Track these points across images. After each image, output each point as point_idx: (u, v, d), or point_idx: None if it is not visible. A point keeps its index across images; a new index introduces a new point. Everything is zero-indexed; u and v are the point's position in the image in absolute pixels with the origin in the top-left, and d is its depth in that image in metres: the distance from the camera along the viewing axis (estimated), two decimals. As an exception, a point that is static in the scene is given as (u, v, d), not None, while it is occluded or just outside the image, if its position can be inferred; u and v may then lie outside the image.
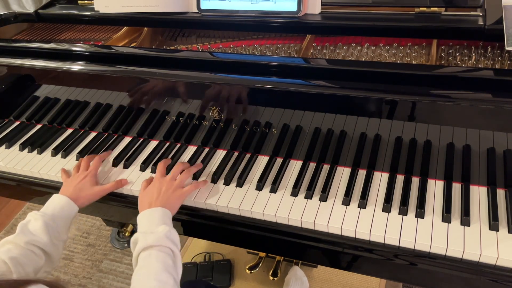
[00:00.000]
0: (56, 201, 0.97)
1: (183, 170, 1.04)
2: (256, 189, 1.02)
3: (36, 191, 1.20)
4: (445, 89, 0.86)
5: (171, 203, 0.95)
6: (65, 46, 1.16)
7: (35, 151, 1.23)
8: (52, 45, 1.18)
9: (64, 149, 1.20)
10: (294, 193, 0.99)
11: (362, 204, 0.94)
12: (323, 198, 0.97)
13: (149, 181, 1.03)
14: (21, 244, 0.85)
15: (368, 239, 0.90)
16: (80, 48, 1.14)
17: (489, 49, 1.01)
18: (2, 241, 0.87)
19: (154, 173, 1.10)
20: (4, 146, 1.26)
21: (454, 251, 0.84)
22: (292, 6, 1.07)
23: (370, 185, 0.99)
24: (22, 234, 0.87)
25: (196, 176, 1.07)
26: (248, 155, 1.12)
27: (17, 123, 1.35)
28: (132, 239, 0.87)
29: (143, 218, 0.91)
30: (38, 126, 1.33)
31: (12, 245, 0.85)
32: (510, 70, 0.96)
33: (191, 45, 1.25)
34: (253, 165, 1.09)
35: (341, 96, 0.93)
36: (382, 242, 0.89)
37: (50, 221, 0.91)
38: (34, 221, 0.89)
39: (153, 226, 0.87)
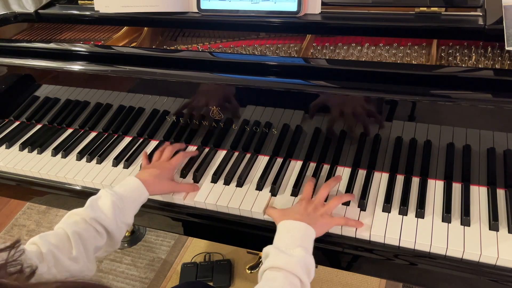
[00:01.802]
0: (129, 183, 0.95)
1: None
2: (256, 189, 1.02)
3: (36, 191, 1.20)
4: (445, 89, 0.86)
5: (318, 224, 0.86)
6: (65, 46, 1.16)
7: (35, 151, 1.23)
8: (52, 45, 1.18)
9: (64, 149, 1.20)
10: (294, 193, 0.99)
11: (362, 204, 0.94)
12: (323, 198, 0.97)
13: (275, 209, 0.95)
14: (87, 219, 0.84)
15: (368, 239, 0.90)
16: (80, 48, 1.14)
17: (489, 49, 1.01)
18: (70, 212, 0.86)
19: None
20: (4, 146, 1.26)
21: (454, 251, 0.84)
22: (292, 6, 1.07)
23: (370, 185, 0.99)
24: (91, 208, 0.86)
25: (196, 177, 1.07)
26: (248, 155, 1.11)
27: (17, 123, 1.35)
28: (264, 250, 0.82)
29: (283, 228, 0.84)
30: (38, 126, 1.33)
31: (79, 218, 0.84)
32: (510, 70, 0.96)
33: (191, 45, 1.25)
34: (253, 165, 1.09)
35: (341, 96, 0.93)
36: (382, 242, 0.89)
37: (119, 202, 0.89)
38: (104, 198, 0.88)
39: (290, 244, 0.80)
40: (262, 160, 1.10)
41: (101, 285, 0.53)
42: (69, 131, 1.29)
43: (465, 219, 0.87)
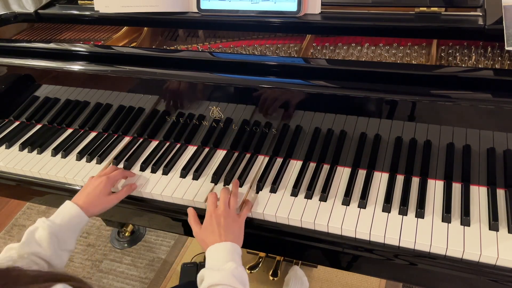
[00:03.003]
0: (66, 210, 0.95)
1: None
2: (256, 189, 1.02)
3: (36, 191, 1.20)
4: (445, 89, 0.86)
5: (236, 234, 0.91)
6: (65, 46, 1.16)
7: (35, 151, 1.23)
8: (52, 45, 1.18)
9: (64, 149, 1.20)
10: (294, 193, 0.99)
11: (362, 204, 0.94)
12: (323, 198, 0.97)
13: (195, 219, 0.96)
14: (24, 255, 0.84)
15: (368, 239, 0.90)
16: (80, 48, 1.14)
17: (489, 49, 1.01)
18: (7, 247, 0.86)
19: (154, 173, 1.10)
20: (4, 146, 1.26)
21: (454, 251, 0.84)
22: (292, 6, 1.07)
23: (370, 185, 0.99)
24: (27, 244, 0.86)
25: (196, 177, 1.07)
26: (248, 155, 1.12)
27: (17, 123, 1.35)
28: (199, 275, 0.85)
29: (210, 253, 0.87)
30: (38, 126, 1.33)
31: (15, 253, 0.84)
32: (510, 70, 0.96)
33: (191, 45, 1.25)
34: (253, 165, 1.09)
35: (341, 96, 0.93)
36: (382, 242, 0.89)
37: (57, 232, 0.89)
38: (41, 230, 0.88)
39: (221, 262, 0.84)
40: (262, 160, 1.10)
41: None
42: (69, 131, 1.29)
43: (465, 219, 0.87)
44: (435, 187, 0.96)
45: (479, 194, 0.94)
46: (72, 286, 0.59)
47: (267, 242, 1.01)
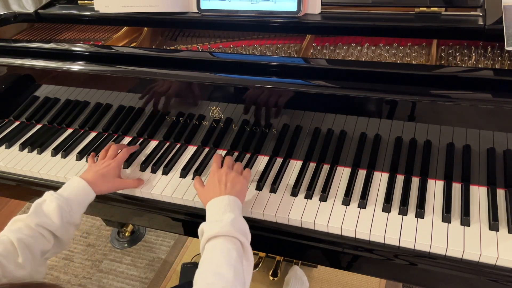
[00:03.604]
0: (74, 184, 0.95)
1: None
2: (256, 189, 1.02)
3: (36, 191, 1.19)
4: (445, 89, 0.86)
5: (237, 189, 0.91)
6: (65, 46, 1.16)
7: (35, 151, 1.23)
8: (52, 45, 1.18)
9: (64, 149, 1.20)
10: (294, 193, 0.99)
11: (362, 204, 0.94)
12: (323, 198, 0.97)
13: (200, 182, 0.98)
14: (32, 225, 0.84)
15: (368, 239, 0.90)
16: (80, 48, 1.14)
17: (489, 49, 1.01)
18: (14, 218, 0.86)
19: (154, 173, 1.10)
20: (4, 146, 1.26)
21: (454, 251, 0.84)
22: (292, 6, 1.07)
23: (370, 185, 0.99)
24: (35, 214, 0.86)
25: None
26: (248, 155, 1.12)
27: (17, 123, 1.35)
28: (199, 229, 0.83)
29: (209, 207, 0.88)
30: (38, 126, 1.33)
31: (23, 224, 0.84)
32: (510, 70, 0.96)
33: (191, 45, 1.25)
34: (253, 165, 1.09)
35: (341, 96, 0.93)
36: (382, 242, 0.89)
37: (64, 205, 0.89)
38: (49, 202, 0.88)
39: (219, 214, 0.84)
40: (262, 160, 1.10)
41: (44, 283, 0.53)
42: (69, 131, 1.29)
43: (465, 219, 0.87)
44: (435, 187, 0.96)
45: (479, 194, 0.94)
46: None
47: (267, 242, 1.01)
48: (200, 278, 0.73)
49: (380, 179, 1.00)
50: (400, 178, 1.00)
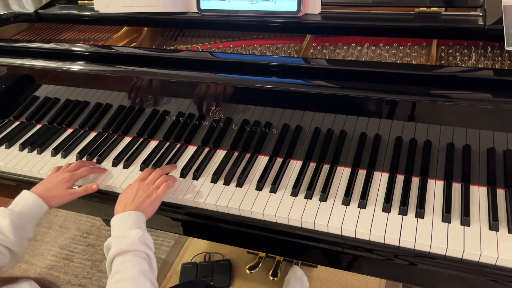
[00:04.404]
0: (25, 199, 0.96)
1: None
2: (256, 189, 1.02)
3: (36, 191, 1.20)
4: (445, 89, 0.86)
5: (145, 206, 0.94)
6: (65, 46, 1.16)
7: (35, 151, 1.23)
8: (52, 45, 1.18)
9: (64, 149, 1.20)
10: (294, 193, 0.99)
11: (362, 204, 0.94)
12: (323, 198, 0.97)
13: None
14: None
15: (368, 239, 0.90)
16: (80, 48, 1.14)
17: (489, 49, 1.01)
18: None
19: (154, 173, 1.10)
20: (4, 146, 1.26)
21: (454, 251, 0.84)
22: (292, 6, 1.07)
23: (370, 185, 0.99)
24: None
25: (196, 176, 1.07)
26: (248, 155, 1.12)
27: (17, 123, 1.35)
28: (105, 244, 0.86)
29: (116, 222, 0.90)
30: (38, 126, 1.33)
31: None
32: (510, 70, 0.96)
33: (191, 45, 1.25)
34: (253, 165, 1.09)
35: (341, 96, 0.93)
36: (382, 242, 0.89)
37: (18, 220, 0.90)
38: (1, 219, 0.89)
39: (127, 230, 0.86)
40: (262, 160, 1.10)
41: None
42: (69, 131, 1.29)
43: (465, 219, 0.87)
44: (435, 187, 0.96)
45: (479, 194, 0.94)
46: (39, 284, 0.60)
47: (267, 242, 1.01)
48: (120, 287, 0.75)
49: (380, 179, 1.00)
50: (400, 178, 1.00)
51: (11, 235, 0.88)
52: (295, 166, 1.07)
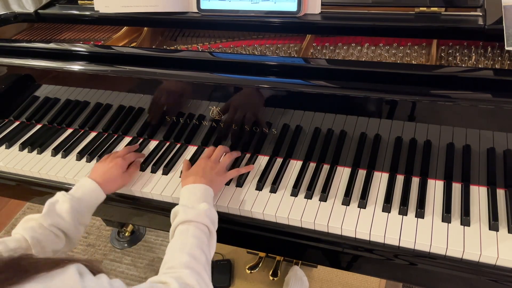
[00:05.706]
0: (86, 186, 0.97)
1: (225, 154, 1.08)
2: (256, 189, 1.02)
3: (36, 191, 1.20)
4: (445, 89, 0.86)
5: (215, 182, 0.97)
6: (65, 46, 1.16)
7: (35, 151, 1.23)
8: (52, 45, 1.17)
9: (64, 149, 1.20)
10: (294, 193, 0.99)
11: (362, 204, 0.94)
12: (323, 198, 0.97)
13: (187, 165, 1.05)
14: (45, 225, 0.86)
15: (368, 239, 0.90)
16: (80, 48, 1.14)
17: (489, 49, 1.01)
18: (26, 217, 0.88)
19: (154, 173, 1.10)
20: (4, 146, 1.26)
21: (454, 251, 0.84)
22: (292, 6, 1.07)
23: (370, 185, 0.99)
24: (48, 214, 0.87)
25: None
26: (248, 155, 1.12)
27: (17, 123, 1.35)
28: (173, 211, 0.88)
29: (186, 192, 0.92)
30: (38, 126, 1.33)
31: (36, 223, 0.85)
32: (510, 70, 0.96)
33: (191, 45, 1.25)
34: (253, 165, 1.09)
35: (341, 96, 0.93)
36: (382, 242, 0.89)
37: (77, 205, 0.91)
38: (62, 203, 0.90)
39: (195, 201, 0.89)
40: (262, 160, 1.10)
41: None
42: (69, 131, 1.29)
43: (465, 219, 0.87)
44: (435, 187, 0.96)
45: (479, 194, 0.94)
46: (84, 265, 0.60)
47: (267, 242, 1.01)
48: (176, 256, 0.77)
49: (380, 179, 1.00)
50: (400, 178, 1.00)
51: (70, 219, 0.89)
52: (295, 166, 1.07)
